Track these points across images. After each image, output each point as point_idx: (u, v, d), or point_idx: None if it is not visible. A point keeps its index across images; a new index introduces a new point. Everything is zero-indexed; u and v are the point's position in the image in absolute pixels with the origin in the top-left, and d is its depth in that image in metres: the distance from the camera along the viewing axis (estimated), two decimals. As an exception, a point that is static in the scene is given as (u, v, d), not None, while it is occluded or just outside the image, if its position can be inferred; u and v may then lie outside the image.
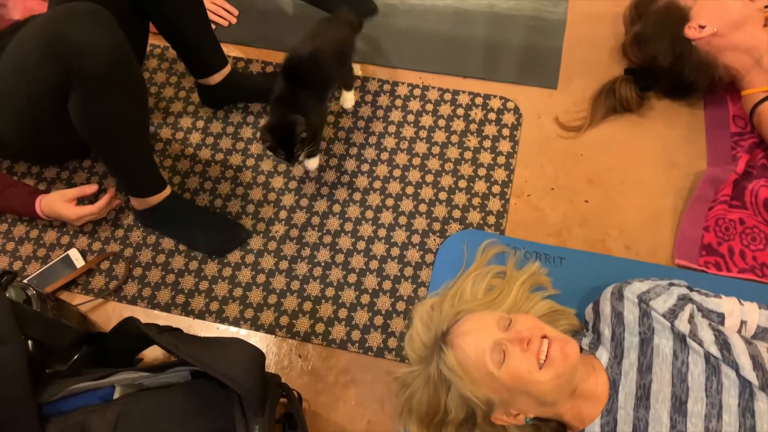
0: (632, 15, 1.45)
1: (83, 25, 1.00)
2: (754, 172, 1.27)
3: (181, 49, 1.35)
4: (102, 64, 1.01)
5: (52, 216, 1.29)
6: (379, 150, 1.41)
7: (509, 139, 1.41)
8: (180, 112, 1.49)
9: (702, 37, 1.30)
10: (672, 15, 1.34)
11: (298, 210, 1.35)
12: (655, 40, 1.35)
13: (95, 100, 1.06)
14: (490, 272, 1.12)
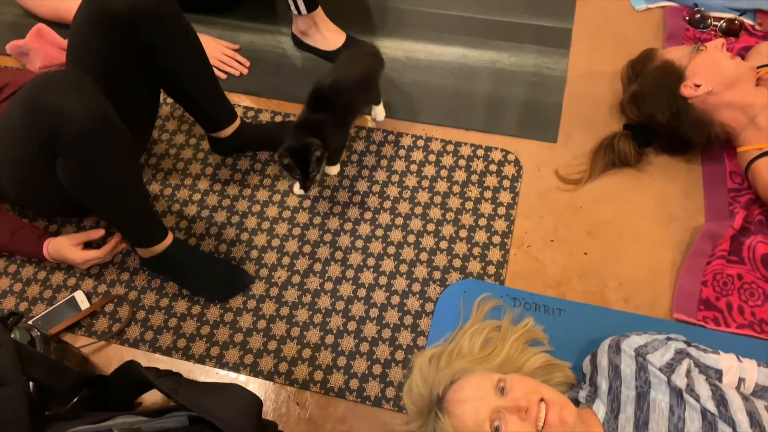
0: (629, 74, 1.49)
1: (62, 92, 1.03)
2: (751, 228, 1.29)
3: (191, 109, 1.40)
4: (82, 129, 1.03)
5: (59, 259, 1.32)
6: (382, 198, 1.44)
7: (510, 191, 1.43)
8: (190, 159, 1.53)
9: (697, 95, 1.33)
10: (668, 74, 1.38)
11: (300, 256, 1.37)
12: (653, 99, 1.39)
13: (80, 164, 1.08)
14: (488, 327, 1.13)
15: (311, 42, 1.67)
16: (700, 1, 1.70)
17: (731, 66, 1.35)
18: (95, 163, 1.09)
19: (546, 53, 1.66)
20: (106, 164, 1.11)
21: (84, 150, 1.06)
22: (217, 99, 1.38)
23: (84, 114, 1.03)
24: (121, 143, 1.13)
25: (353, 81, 1.36)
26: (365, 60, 1.44)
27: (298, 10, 1.56)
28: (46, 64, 1.63)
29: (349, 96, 1.36)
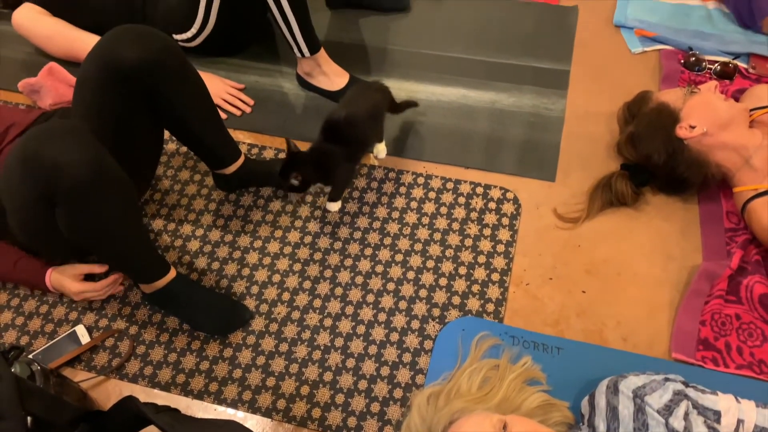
0: (625, 116, 1.52)
1: (56, 143, 1.04)
2: (748, 268, 1.30)
3: (196, 149, 1.43)
4: (78, 180, 1.04)
5: (59, 289, 1.34)
6: (383, 235, 1.46)
7: (509, 228, 1.45)
8: (194, 194, 1.56)
9: (693, 136, 1.36)
10: (663, 116, 1.41)
11: (300, 292, 1.38)
12: (649, 140, 1.41)
13: (79, 213, 1.09)
14: (486, 366, 1.14)
15: (315, 82, 1.71)
16: (694, 45, 1.74)
17: (725, 108, 1.38)
18: (94, 211, 1.10)
19: (544, 94, 1.70)
20: (104, 212, 1.12)
21: (81, 200, 1.07)
22: (221, 138, 1.41)
23: (79, 165, 1.04)
24: (120, 189, 1.14)
25: (366, 115, 1.42)
26: (375, 95, 1.49)
27: (302, 52, 1.61)
28: (56, 101, 1.67)
29: (362, 129, 1.41)
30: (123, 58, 1.17)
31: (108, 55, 1.18)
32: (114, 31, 1.20)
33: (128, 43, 1.18)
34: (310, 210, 1.51)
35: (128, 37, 1.19)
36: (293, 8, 1.50)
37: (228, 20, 1.66)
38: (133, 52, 1.18)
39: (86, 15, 1.76)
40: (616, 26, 1.85)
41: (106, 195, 1.11)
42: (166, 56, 1.23)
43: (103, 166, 1.10)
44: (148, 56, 1.19)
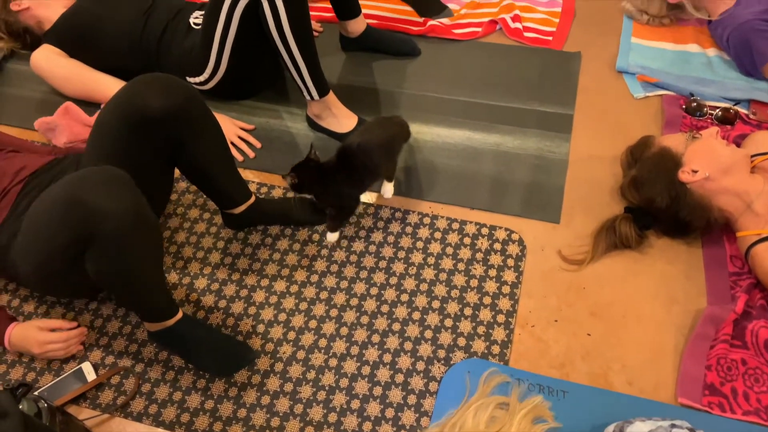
0: (628, 160, 1.55)
1: (100, 189, 1.07)
2: (753, 313, 1.30)
3: (207, 188, 1.46)
4: (121, 226, 1.07)
5: (19, 345, 1.31)
6: (389, 274, 1.47)
7: (514, 270, 1.46)
8: (203, 233, 1.58)
9: (695, 180, 1.38)
10: (666, 160, 1.43)
11: (306, 331, 1.39)
12: (652, 184, 1.43)
13: (112, 258, 1.12)
14: (493, 403, 1.13)
15: (324, 124, 1.75)
16: (696, 90, 1.78)
17: (726, 153, 1.40)
18: (126, 257, 1.12)
19: (548, 137, 1.73)
20: (136, 257, 1.14)
21: (118, 245, 1.10)
22: (233, 180, 1.44)
23: (123, 213, 1.07)
24: (153, 236, 1.18)
25: (380, 144, 1.47)
26: (393, 128, 1.55)
27: (311, 95, 1.65)
28: (71, 140, 1.71)
29: (373, 158, 1.46)
30: (148, 108, 1.21)
31: (132, 104, 1.21)
32: (137, 80, 1.24)
33: (154, 93, 1.22)
34: (317, 249, 1.53)
35: (153, 86, 1.22)
36: (302, 54, 1.55)
37: (240, 65, 1.71)
38: (158, 101, 1.21)
39: (102, 57, 1.82)
40: (619, 72, 1.89)
41: (141, 242, 1.14)
42: (191, 106, 1.27)
43: (143, 214, 1.13)
44: (173, 106, 1.23)
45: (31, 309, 1.45)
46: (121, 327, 1.41)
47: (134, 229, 1.10)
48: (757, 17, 1.70)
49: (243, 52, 1.67)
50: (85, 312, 1.44)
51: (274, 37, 1.53)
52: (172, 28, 1.75)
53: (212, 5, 1.58)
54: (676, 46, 1.95)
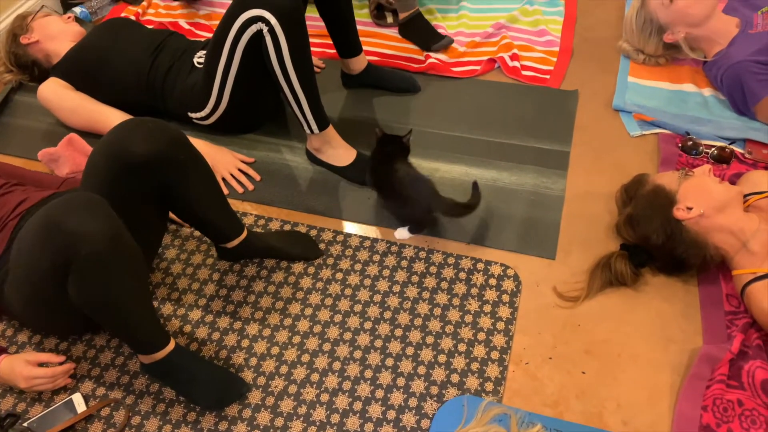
0: (623, 198, 1.56)
1: (77, 213, 1.09)
2: (749, 353, 1.28)
3: (198, 226, 1.47)
4: (96, 249, 1.08)
5: (6, 378, 1.30)
6: (383, 308, 1.47)
7: (509, 305, 1.46)
8: (199, 264, 1.58)
9: (690, 217, 1.38)
10: (660, 198, 1.44)
11: (299, 365, 1.38)
12: (647, 221, 1.44)
13: (93, 282, 1.12)
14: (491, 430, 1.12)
15: (324, 158, 1.77)
16: (691, 130, 1.79)
17: (719, 190, 1.41)
18: (107, 281, 1.13)
19: (545, 174, 1.74)
20: (118, 282, 1.15)
21: (97, 269, 1.11)
22: (224, 217, 1.45)
23: (98, 235, 1.08)
24: (133, 263, 1.18)
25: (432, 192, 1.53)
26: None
27: (311, 129, 1.68)
28: (73, 170, 1.74)
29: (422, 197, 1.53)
30: (131, 154, 1.23)
31: (118, 148, 1.23)
32: (122, 125, 1.26)
33: (136, 139, 1.23)
34: (312, 282, 1.53)
35: (138, 132, 1.24)
36: (303, 87, 1.58)
37: (241, 100, 1.74)
38: (142, 146, 1.23)
39: (109, 91, 1.86)
40: (616, 110, 1.91)
41: (119, 266, 1.14)
42: (175, 150, 1.29)
43: (120, 239, 1.14)
44: (157, 151, 1.25)
45: (25, 339, 1.45)
46: (113, 358, 1.41)
47: (112, 253, 1.11)
48: (750, 58, 1.73)
49: (245, 87, 1.70)
50: (79, 342, 1.44)
51: (275, 70, 1.56)
52: (177, 68, 1.79)
53: (215, 40, 1.62)
54: (673, 85, 1.98)
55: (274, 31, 1.50)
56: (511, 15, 2.27)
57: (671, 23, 1.91)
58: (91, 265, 1.10)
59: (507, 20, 2.26)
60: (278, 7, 1.49)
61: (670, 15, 1.90)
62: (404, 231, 1.60)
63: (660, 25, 1.94)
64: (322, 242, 1.61)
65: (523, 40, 2.19)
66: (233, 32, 1.56)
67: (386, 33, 2.28)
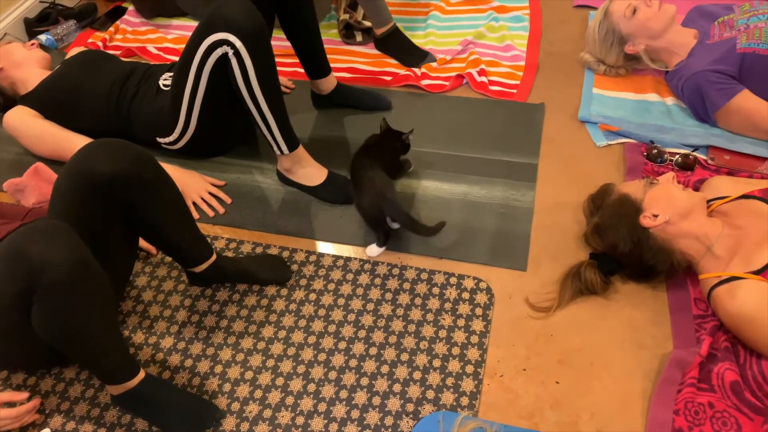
0: (590, 207, 1.58)
1: (42, 240, 1.07)
2: (718, 355, 1.30)
3: (166, 249, 1.45)
4: (60, 278, 1.06)
5: None
6: (357, 327, 1.46)
7: (482, 319, 1.46)
8: (170, 290, 1.57)
9: (656, 225, 1.40)
10: (626, 206, 1.46)
11: (273, 389, 1.36)
12: (614, 230, 1.46)
13: (57, 311, 1.10)
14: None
15: (295, 178, 1.77)
16: (656, 138, 1.83)
17: (683, 197, 1.43)
18: (72, 311, 1.11)
19: (514, 186, 1.76)
20: (83, 311, 1.13)
21: (60, 298, 1.09)
22: (193, 240, 1.44)
23: (62, 262, 1.07)
24: (99, 291, 1.16)
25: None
26: None
27: (281, 149, 1.68)
28: (40, 200, 1.72)
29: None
30: (96, 173, 1.21)
31: (82, 170, 1.22)
32: (87, 146, 1.25)
33: (102, 158, 1.22)
34: (285, 304, 1.52)
35: (101, 151, 1.23)
36: (271, 108, 1.59)
37: (209, 124, 1.74)
38: (106, 166, 1.22)
39: (79, 119, 1.84)
40: (581, 122, 1.95)
41: (84, 295, 1.12)
42: (140, 169, 1.27)
43: (86, 265, 1.12)
44: (121, 170, 1.23)
45: (-8, 374, 1.42)
46: (83, 391, 1.38)
47: (76, 281, 1.09)
48: (708, 68, 1.77)
49: (212, 110, 1.70)
50: (48, 376, 1.41)
51: (243, 93, 1.56)
52: (143, 91, 1.79)
53: (181, 65, 1.62)
54: (636, 95, 2.02)
55: (240, 54, 1.50)
56: (478, 31, 2.31)
57: (632, 35, 1.96)
58: (54, 295, 1.08)
59: (474, 36, 2.29)
60: (243, 30, 1.50)
61: (631, 27, 1.95)
62: (374, 247, 1.61)
63: (621, 36, 1.98)
64: (295, 263, 1.60)
65: (490, 56, 2.23)
66: (199, 56, 1.56)
67: (357, 49, 2.31)
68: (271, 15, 1.76)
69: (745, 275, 1.30)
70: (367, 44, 2.33)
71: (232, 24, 1.49)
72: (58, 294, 1.08)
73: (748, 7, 1.87)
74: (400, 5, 2.51)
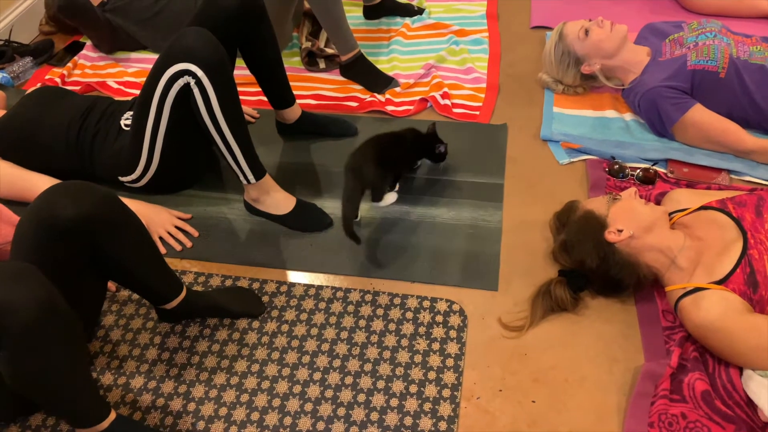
0: (556, 225, 1.60)
1: (7, 282, 1.03)
2: (688, 365, 1.33)
3: (134, 288, 1.42)
4: (27, 321, 1.02)
5: None
6: (332, 357, 1.45)
7: (456, 341, 1.46)
8: (139, 328, 1.53)
9: (621, 239, 1.43)
10: (591, 222, 1.48)
11: (248, 424, 1.34)
12: (580, 246, 1.48)
13: (25, 356, 1.06)
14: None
15: (263, 208, 1.76)
16: (616, 154, 1.88)
17: (646, 211, 1.47)
18: (41, 354, 1.07)
19: (482, 207, 1.78)
20: (53, 354, 1.09)
21: (29, 342, 1.04)
22: (162, 277, 1.41)
23: (28, 305, 1.02)
24: (69, 330, 1.12)
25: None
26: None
27: (247, 179, 1.67)
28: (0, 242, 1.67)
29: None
30: (59, 218, 1.18)
31: (45, 215, 1.18)
32: (47, 190, 1.22)
33: (63, 203, 1.19)
34: (258, 336, 1.50)
35: (63, 195, 1.20)
36: (236, 137, 1.58)
37: (173, 159, 1.73)
38: (69, 211, 1.18)
39: (36, 157, 1.80)
40: (544, 140, 1.99)
41: (54, 337, 1.08)
42: (101, 210, 1.24)
43: (53, 307, 1.08)
44: (82, 213, 1.20)
45: (-47, 426, 1.37)
46: (50, 437, 1.34)
47: (45, 323, 1.05)
48: (662, 84, 1.83)
49: (176, 144, 1.69)
50: (12, 425, 1.36)
51: (206, 123, 1.56)
52: (105, 131, 1.76)
53: (142, 100, 1.61)
54: (595, 112, 2.08)
55: (202, 83, 1.50)
56: (439, 55, 2.35)
57: (587, 55, 2.02)
58: (22, 339, 1.04)
59: (436, 60, 2.33)
60: (204, 60, 1.49)
61: (585, 48, 2.01)
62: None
63: (577, 57, 2.04)
64: (266, 294, 1.59)
65: (452, 79, 2.26)
66: (160, 88, 1.55)
67: (321, 76, 2.32)
68: (233, 48, 1.76)
69: (709, 286, 1.34)
70: (331, 71, 2.34)
71: (193, 54, 1.49)
72: (26, 338, 1.04)
73: (696, 25, 1.95)
74: (364, 31, 2.54)
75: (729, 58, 1.81)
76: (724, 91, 1.81)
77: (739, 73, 1.80)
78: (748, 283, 1.31)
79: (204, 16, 1.67)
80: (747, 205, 1.44)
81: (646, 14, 2.48)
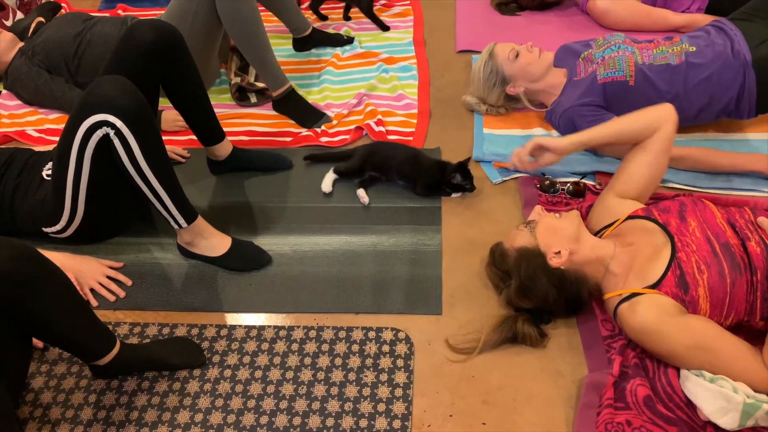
0: (497, 274, 1.56)
1: None
2: (629, 372, 1.35)
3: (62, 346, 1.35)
4: None
5: None
6: (278, 399, 1.41)
7: (404, 370, 1.45)
8: (72, 388, 1.45)
9: (563, 261, 1.45)
10: (531, 258, 1.46)
11: (194, 479, 1.28)
12: (536, 284, 1.45)
13: None
14: None
15: (197, 250, 1.71)
16: (546, 170, 1.93)
17: (564, 224, 1.49)
18: None
19: (421, 231, 1.79)
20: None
21: None
22: (91, 332, 1.34)
23: None
24: None
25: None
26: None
27: (178, 224, 1.62)
28: None
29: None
30: None
31: None
32: None
33: None
34: (200, 384, 1.44)
35: None
36: (163, 184, 1.54)
37: (99, 208, 1.66)
38: None
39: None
40: (476, 161, 2.02)
41: None
42: (21, 266, 1.17)
43: None
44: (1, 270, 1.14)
45: None
46: None
47: None
48: (577, 103, 1.90)
49: (100, 194, 1.62)
50: None
51: (130, 172, 1.51)
52: (26, 184, 1.69)
53: (60, 152, 1.54)
54: (524, 131, 2.13)
55: (122, 133, 1.45)
56: (370, 84, 2.37)
57: (514, 77, 2.07)
58: None
59: (367, 89, 2.35)
60: (122, 108, 1.45)
61: (513, 69, 2.06)
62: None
63: (504, 77, 2.09)
64: (206, 340, 1.53)
65: (385, 106, 2.28)
66: (78, 141, 1.49)
67: (253, 111, 2.30)
68: (155, 86, 1.72)
69: (643, 291, 1.37)
70: (263, 105, 2.32)
71: (110, 104, 1.45)
72: None
73: (602, 41, 2.04)
74: (295, 63, 2.54)
75: (635, 65, 1.89)
76: (636, 96, 1.88)
77: (647, 76, 1.88)
78: (679, 285, 1.35)
79: (121, 53, 1.63)
80: (671, 211, 1.50)
81: (566, 32, 2.58)
